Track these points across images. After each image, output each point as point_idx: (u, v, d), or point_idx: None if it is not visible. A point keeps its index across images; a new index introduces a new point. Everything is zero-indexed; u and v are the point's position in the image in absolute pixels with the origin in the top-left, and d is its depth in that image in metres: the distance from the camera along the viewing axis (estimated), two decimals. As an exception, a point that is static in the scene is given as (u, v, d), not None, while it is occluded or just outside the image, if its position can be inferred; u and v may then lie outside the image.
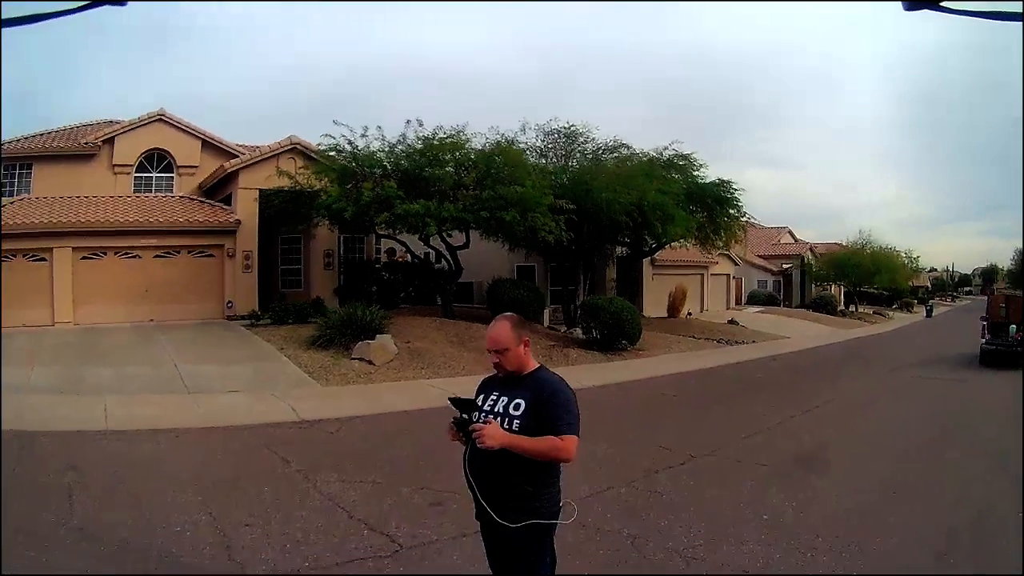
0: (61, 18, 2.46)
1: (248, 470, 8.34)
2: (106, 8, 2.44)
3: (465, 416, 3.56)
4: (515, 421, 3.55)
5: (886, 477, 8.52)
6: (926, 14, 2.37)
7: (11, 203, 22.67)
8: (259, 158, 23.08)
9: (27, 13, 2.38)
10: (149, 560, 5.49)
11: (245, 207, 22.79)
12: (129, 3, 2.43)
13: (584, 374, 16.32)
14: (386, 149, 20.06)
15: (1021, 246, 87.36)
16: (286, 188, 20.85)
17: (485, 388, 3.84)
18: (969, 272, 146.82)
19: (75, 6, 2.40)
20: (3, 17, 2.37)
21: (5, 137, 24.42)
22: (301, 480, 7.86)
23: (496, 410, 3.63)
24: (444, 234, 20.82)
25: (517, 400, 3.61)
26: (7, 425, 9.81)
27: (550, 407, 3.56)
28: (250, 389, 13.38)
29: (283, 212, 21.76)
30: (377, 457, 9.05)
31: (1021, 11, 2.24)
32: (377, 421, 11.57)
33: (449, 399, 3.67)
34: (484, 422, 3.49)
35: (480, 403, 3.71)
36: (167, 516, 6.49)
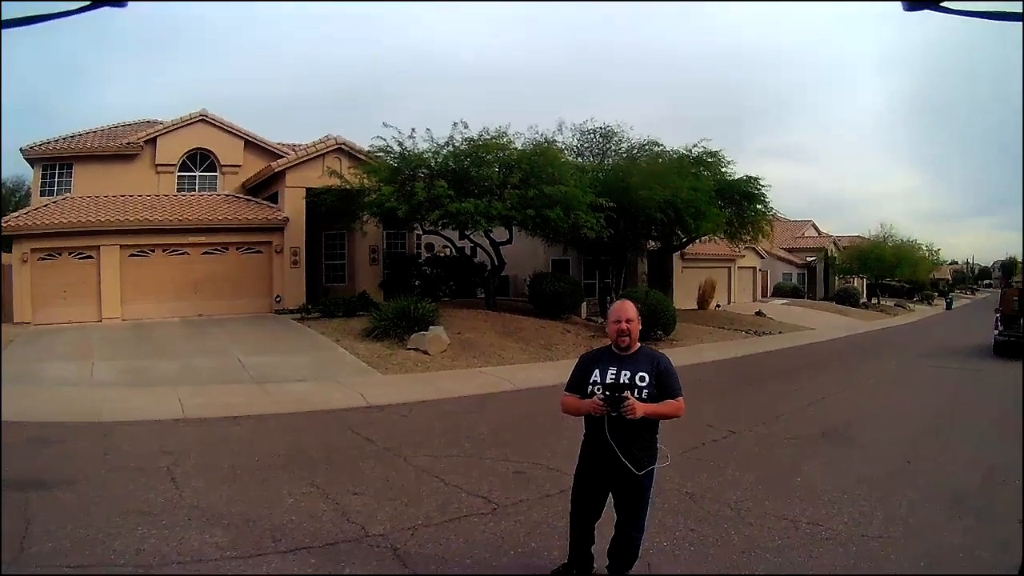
0: (62, 19, 2.43)
1: (337, 448, 9.02)
2: (106, 9, 2.42)
3: (617, 395, 4.38)
4: (644, 391, 4.48)
5: (903, 450, 9.41)
6: (926, 14, 2.36)
7: (54, 202, 23.53)
8: (305, 158, 23.83)
9: (28, 14, 2.35)
10: (274, 528, 6.00)
11: (292, 204, 23.57)
12: (129, 4, 2.42)
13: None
14: (433, 150, 20.81)
15: (1022, 240, 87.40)
16: (334, 187, 21.58)
17: (595, 363, 4.71)
18: (989, 265, 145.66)
19: (76, 7, 2.37)
20: (3, 18, 2.36)
21: (36, 139, 25.37)
22: (390, 455, 8.61)
23: (623, 382, 4.49)
24: (488, 230, 21.53)
25: (641, 373, 4.53)
26: (82, 417, 10.38)
27: (667, 377, 4.57)
28: (315, 378, 14.02)
29: (332, 210, 22.44)
30: (453, 435, 9.79)
31: (1021, 11, 2.22)
32: (443, 405, 12.29)
33: (603, 387, 4.49)
34: (624, 397, 4.37)
35: (599, 377, 4.57)
36: (275, 490, 7.03)
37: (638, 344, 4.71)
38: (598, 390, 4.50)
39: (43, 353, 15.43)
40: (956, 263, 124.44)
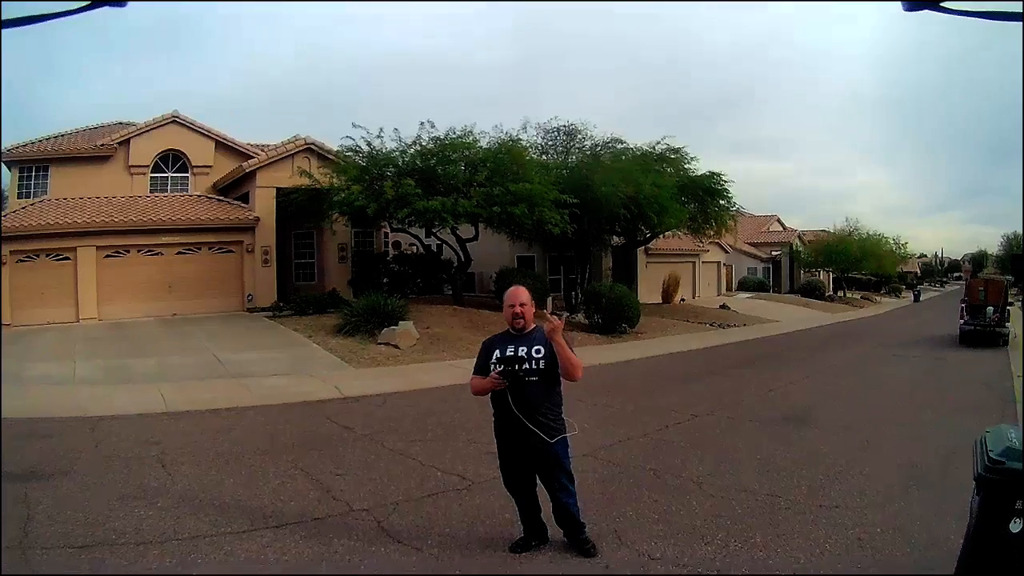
0: (61, 19, 2.46)
1: (317, 436, 9.46)
2: (106, 9, 2.45)
3: (512, 368, 4.99)
4: (540, 361, 5.05)
5: (861, 431, 9.93)
6: (926, 14, 2.37)
7: (31, 204, 23.52)
8: (276, 158, 24.07)
9: (27, 14, 2.38)
10: (264, 507, 6.41)
11: (263, 204, 23.82)
12: (129, 4, 2.46)
13: (590, 355, 17.11)
14: (401, 149, 21.27)
15: (1021, 232, 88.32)
16: (304, 187, 21.92)
17: (496, 344, 5.27)
18: (958, 258, 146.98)
19: (75, 6, 2.40)
20: (3, 18, 2.38)
21: (15, 140, 25.29)
22: (368, 441, 9.12)
23: (519, 355, 5.05)
24: (454, 228, 21.97)
25: (536, 347, 5.09)
26: (70, 412, 10.70)
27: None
28: (291, 373, 14.43)
29: (302, 209, 22.81)
30: (426, 422, 10.28)
31: (1021, 11, 2.25)
32: (415, 396, 12.78)
33: (500, 360, 5.04)
34: (523, 368, 5.04)
35: (500, 354, 5.11)
36: (262, 474, 7.46)
37: (533, 325, 5.25)
38: (496, 366, 5.03)
39: (25, 353, 15.60)
40: (925, 256, 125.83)
